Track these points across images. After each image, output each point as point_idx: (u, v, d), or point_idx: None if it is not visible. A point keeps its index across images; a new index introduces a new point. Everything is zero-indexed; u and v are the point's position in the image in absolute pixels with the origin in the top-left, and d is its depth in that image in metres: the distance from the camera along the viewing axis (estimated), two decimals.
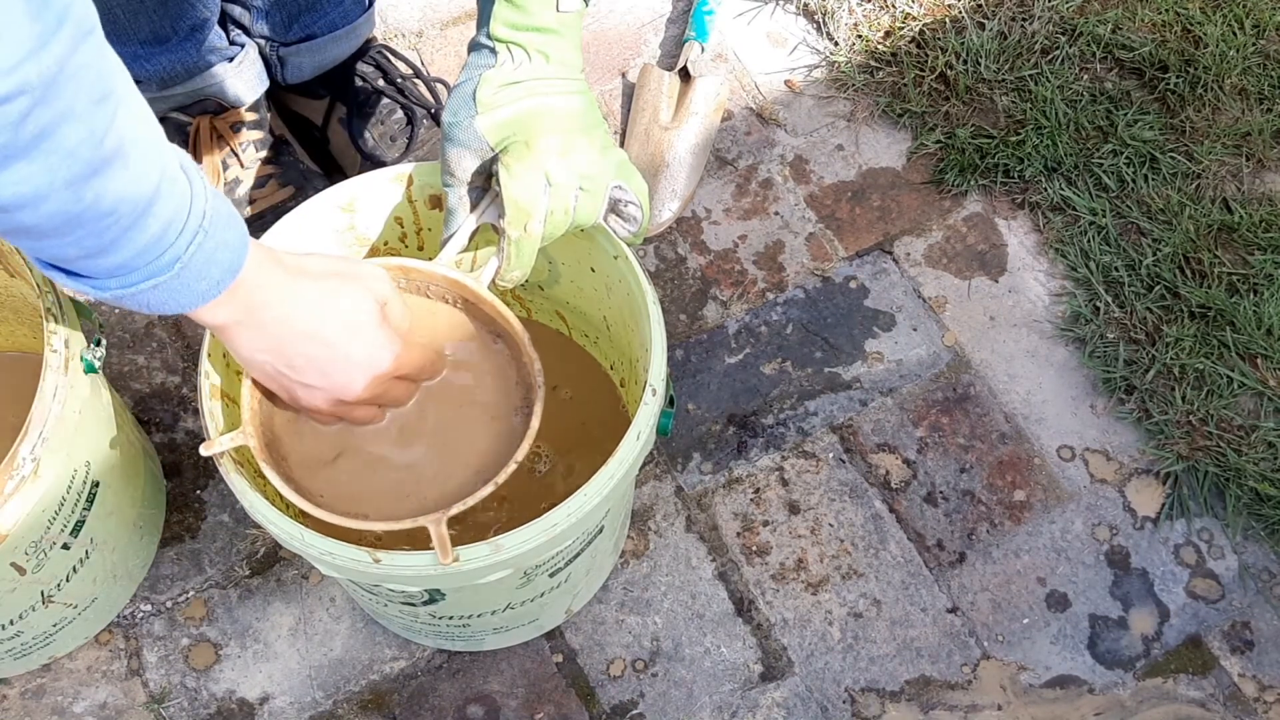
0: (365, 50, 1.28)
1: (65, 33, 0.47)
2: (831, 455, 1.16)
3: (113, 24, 1.07)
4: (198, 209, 0.61)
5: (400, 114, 1.26)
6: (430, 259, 0.83)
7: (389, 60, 1.29)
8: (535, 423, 0.79)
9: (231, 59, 1.16)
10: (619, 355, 1.03)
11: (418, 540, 0.76)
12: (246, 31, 1.17)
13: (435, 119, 1.29)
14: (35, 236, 0.55)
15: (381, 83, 1.27)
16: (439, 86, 1.32)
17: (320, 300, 0.72)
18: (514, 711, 1.05)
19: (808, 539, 1.12)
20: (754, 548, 1.12)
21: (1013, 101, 1.34)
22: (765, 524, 1.13)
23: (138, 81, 1.21)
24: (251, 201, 1.21)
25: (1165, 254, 1.24)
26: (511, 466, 0.78)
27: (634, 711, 1.05)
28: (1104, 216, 1.27)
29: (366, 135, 1.26)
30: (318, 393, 0.76)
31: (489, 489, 0.77)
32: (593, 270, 0.93)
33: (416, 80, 1.30)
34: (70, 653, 1.06)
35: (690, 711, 1.05)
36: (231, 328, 0.70)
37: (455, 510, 0.76)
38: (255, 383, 0.79)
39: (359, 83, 1.27)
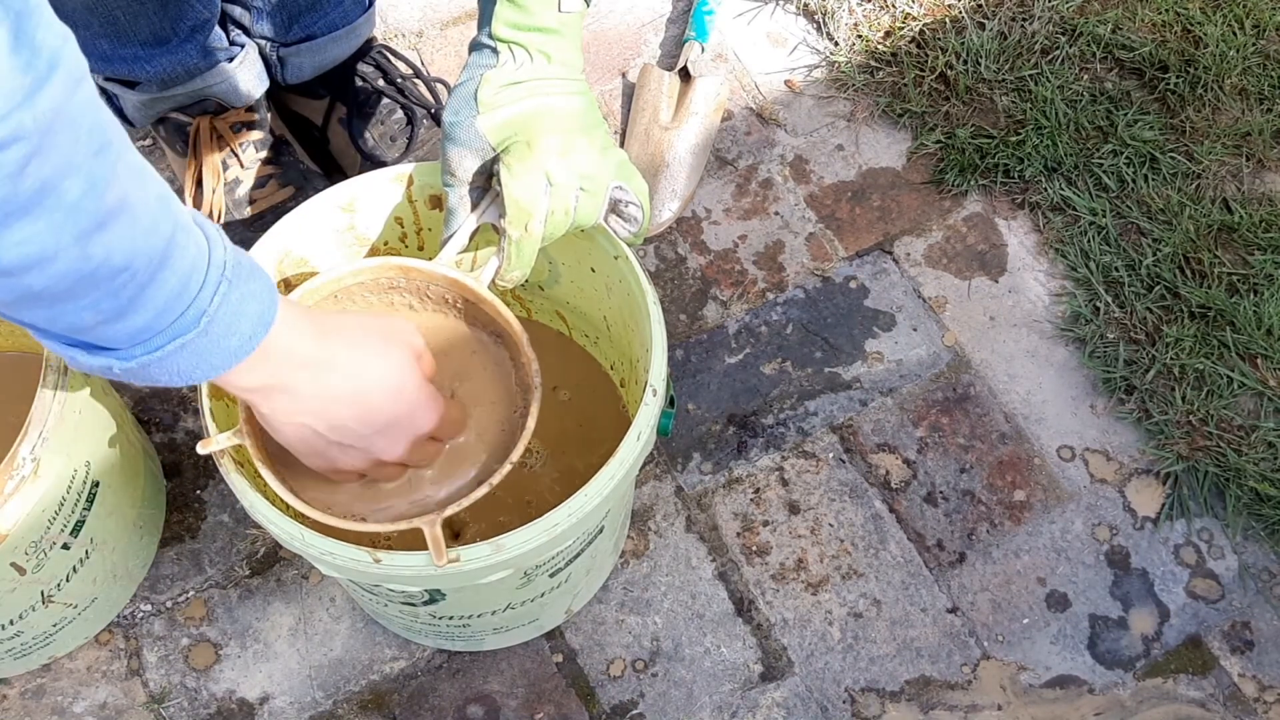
0: (365, 50, 1.28)
1: (58, 80, 0.46)
2: (831, 455, 1.16)
3: (113, 26, 1.07)
4: (218, 259, 0.58)
5: (400, 114, 1.26)
6: (430, 259, 0.83)
7: (389, 60, 1.29)
8: (531, 423, 0.79)
9: (232, 59, 1.16)
10: (619, 355, 1.03)
11: (419, 541, 0.76)
12: (247, 31, 1.17)
13: (435, 119, 1.29)
14: (48, 302, 0.53)
15: (381, 83, 1.27)
16: (439, 86, 1.32)
17: (361, 361, 0.70)
18: (514, 711, 1.05)
19: (808, 539, 1.12)
20: (754, 548, 1.12)
21: (1013, 101, 1.34)
22: (765, 524, 1.13)
23: (139, 83, 1.21)
24: (251, 202, 1.21)
25: (1165, 254, 1.24)
26: (506, 467, 0.78)
27: (634, 711, 1.05)
28: (1104, 216, 1.27)
29: (366, 135, 1.26)
30: (355, 454, 0.74)
31: (484, 490, 0.77)
32: (593, 270, 0.93)
33: (416, 80, 1.30)
34: (70, 653, 1.06)
35: (690, 711, 1.05)
36: (267, 392, 0.67)
37: (450, 511, 0.76)
38: None
39: (359, 83, 1.27)
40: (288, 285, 0.91)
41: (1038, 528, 1.13)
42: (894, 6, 1.41)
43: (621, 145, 1.35)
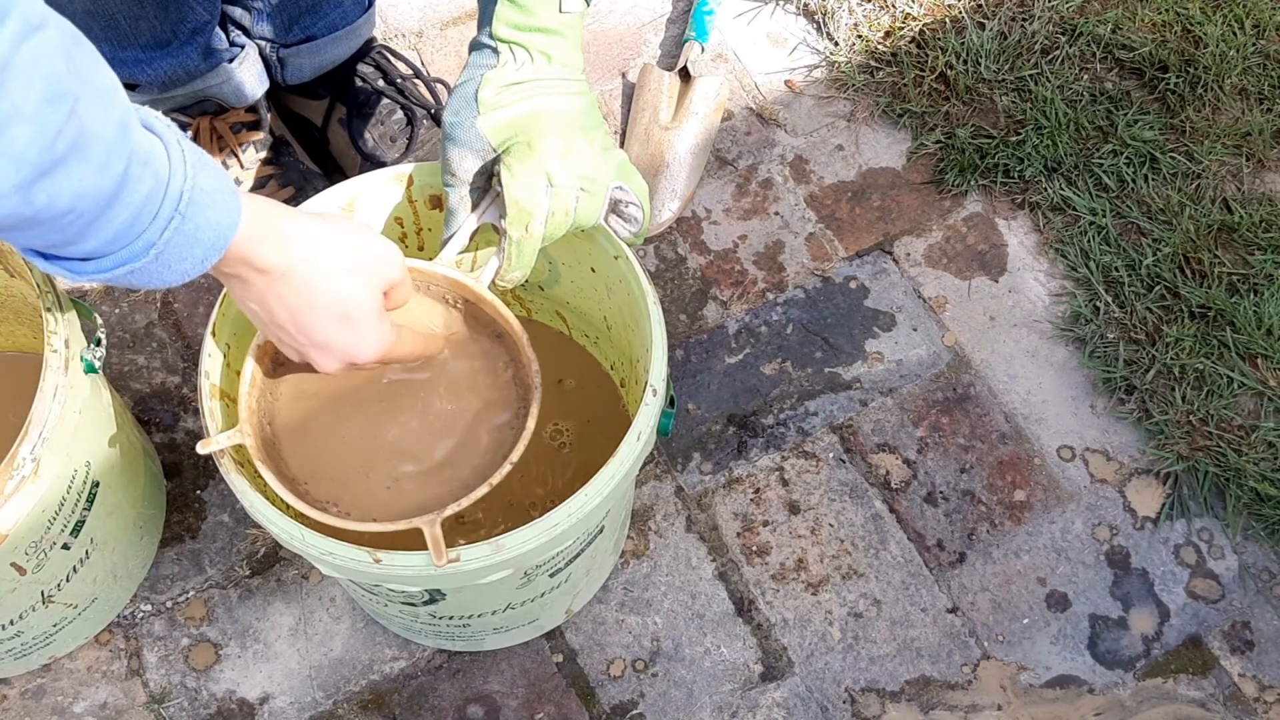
0: (365, 51, 1.28)
1: (7, 30, 0.45)
2: (831, 455, 1.16)
3: (114, 29, 1.07)
4: (174, 191, 0.58)
5: (400, 114, 1.26)
6: (431, 259, 0.83)
7: (389, 61, 1.29)
8: (531, 424, 0.79)
9: (232, 60, 1.16)
10: (619, 355, 1.03)
11: (420, 541, 0.76)
12: (247, 33, 1.17)
13: (435, 119, 1.29)
14: None
15: (381, 83, 1.27)
16: (439, 87, 1.32)
17: (316, 278, 0.69)
18: (514, 711, 1.05)
19: (808, 539, 1.12)
20: (754, 548, 1.12)
21: (1013, 101, 1.34)
22: (765, 524, 1.13)
23: (138, 85, 1.20)
24: None
25: (1165, 254, 1.24)
26: (506, 467, 0.78)
27: (634, 711, 1.05)
28: (1104, 216, 1.27)
29: (366, 136, 1.26)
30: (290, 350, 0.74)
31: (483, 490, 0.77)
32: (593, 270, 0.93)
33: (416, 80, 1.30)
34: (70, 653, 1.06)
35: (690, 711, 1.05)
36: (222, 278, 0.67)
37: (449, 511, 0.76)
38: (255, 377, 0.80)
39: (359, 83, 1.27)
40: None
41: (1038, 528, 1.13)
42: (894, 6, 1.41)
43: (621, 145, 1.35)
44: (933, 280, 1.26)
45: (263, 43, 1.20)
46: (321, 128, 1.29)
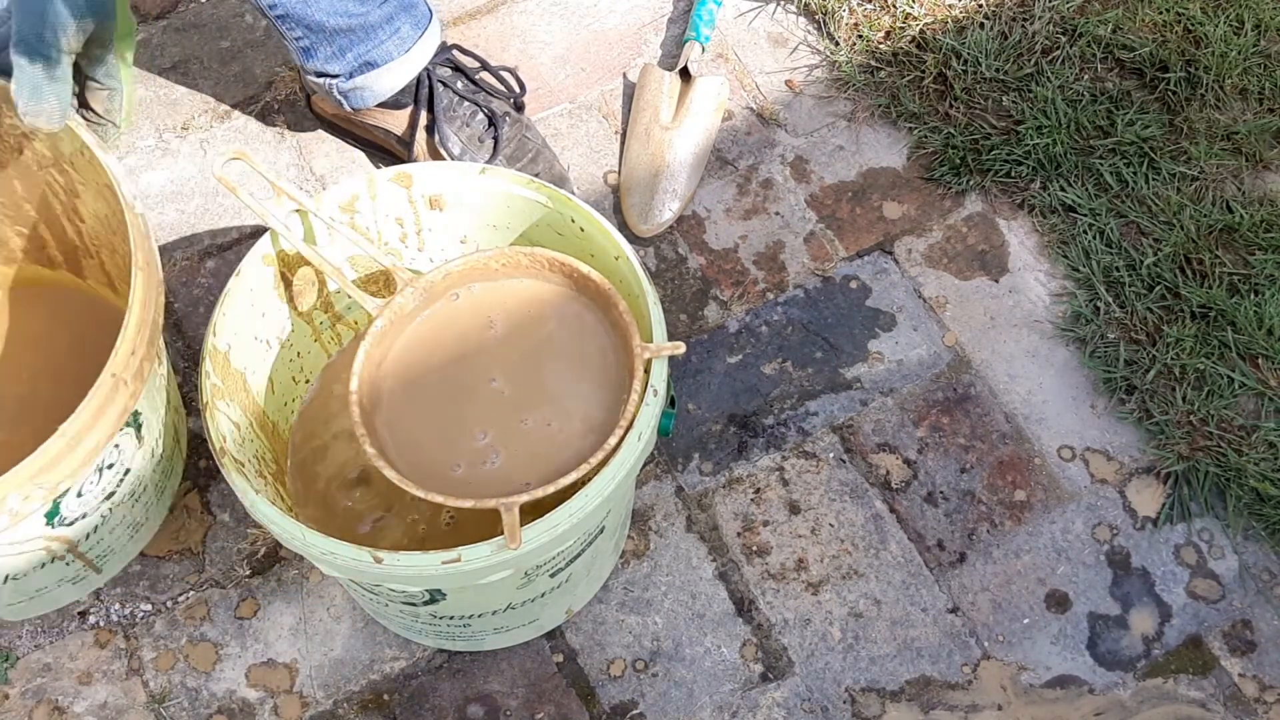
0: (440, 53, 1.25)
1: None
2: (832, 455, 1.16)
3: None
4: None
5: (482, 115, 1.24)
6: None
7: (460, 56, 1.27)
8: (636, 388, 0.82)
9: None
10: None
11: (425, 540, 0.76)
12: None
13: (518, 108, 1.28)
14: None
15: (461, 85, 1.24)
16: (505, 74, 1.30)
17: None
18: (514, 711, 1.05)
19: (808, 539, 1.12)
20: (754, 548, 1.12)
21: (1013, 101, 1.34)
22: (765, 524, 1.13)
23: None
24: None
25: (1166, 254, 1.24)
26: (585, 467, 0.80)
27: (634, 711, 1.05)
28: (1104, 216, 1.27)
29: (453, 140, 1.22)
30: None
31: (573, 477, 0.79)
32: None
33: (484, 72, 1.28)
34: (71, 652, 1.06)
35: (690, 711, 1.05)
36: None
37: (526, 497, 0.79)
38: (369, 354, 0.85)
39: (441, 88, 1.23)
40: (287, 284, 0.91)
41: (1038, 528, 1.13)
42: (894, 6, 1.41)
43: (622, 145, 1.35)
44: (933, 280, 1.26)
45: (324, 80, 1.17)
46: (404, 137, 1.26)
